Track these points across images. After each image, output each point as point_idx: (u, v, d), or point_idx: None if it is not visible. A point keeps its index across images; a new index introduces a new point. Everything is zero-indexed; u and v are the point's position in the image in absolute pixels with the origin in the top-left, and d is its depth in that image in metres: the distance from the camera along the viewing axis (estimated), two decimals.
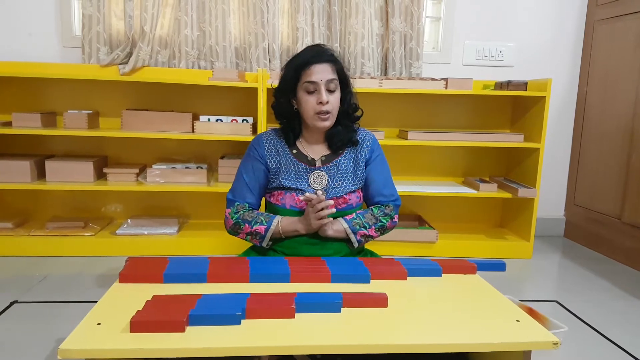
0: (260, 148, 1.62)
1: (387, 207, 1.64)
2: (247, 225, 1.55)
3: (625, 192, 2.60)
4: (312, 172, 1.59)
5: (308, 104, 1.51)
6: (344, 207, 1.59)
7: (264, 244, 1.56)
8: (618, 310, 1.98)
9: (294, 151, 1.61)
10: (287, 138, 1.61)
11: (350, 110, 1.61)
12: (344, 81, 1.57)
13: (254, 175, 1.61)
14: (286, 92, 1.56)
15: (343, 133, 1.59)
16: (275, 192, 1.61)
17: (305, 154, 1.61)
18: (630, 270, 2.50)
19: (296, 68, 1.52)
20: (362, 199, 1.66)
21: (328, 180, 1.59)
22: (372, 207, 1.64)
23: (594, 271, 2.46)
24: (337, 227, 1.55)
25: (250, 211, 1.59)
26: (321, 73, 1.49)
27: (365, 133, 1.67)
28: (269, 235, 1.53)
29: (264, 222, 1.54)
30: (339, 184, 1.59)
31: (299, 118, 1.59)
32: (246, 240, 1.59)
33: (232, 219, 1.58)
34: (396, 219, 1.66)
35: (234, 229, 1.58)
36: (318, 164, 1.60)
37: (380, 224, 1.61)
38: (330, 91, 1.51)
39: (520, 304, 1.61)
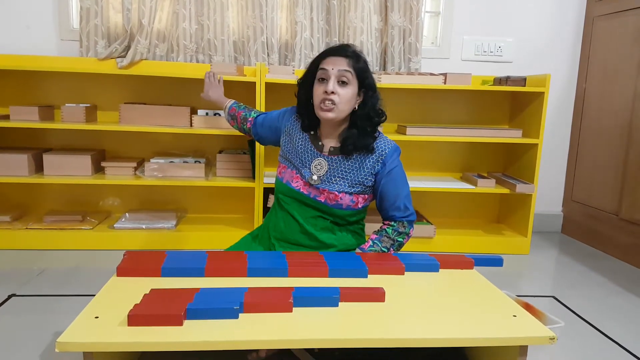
0: (287, 117, 1.72)
1: (400, 225, 1.62)
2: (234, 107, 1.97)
3: (622, 188, 2.60)
4: (317, 157, 1.60)
5: (316, 92, 1.53)
6: (333, 205, 1.58)
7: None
8: (614, 306, 1.99)
9: (312, 132, 1.64)
10: (302, 125, 1.64)
11: (372, 113, 1.56)
12: (364, 82, 1.53)
13: (269, 121, 1.80)
14: (306, 85, 1.59)
15: (358, 137, 1.55)
16: (282, 164, 1.67)
17: (319, 138, 1.62)
18: (627, 266, 2.51)
19: (316, 60, 1.56)
20: (358, 205, 1.60)
21: (327, 170, 1.58)
22: (386, 228, 1.63)
23: (591, 267, 2.47)
24: None
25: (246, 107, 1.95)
26: (335, 63, 1.50)
27: (384, 144, 1.60)
28: (226, 109, 2.01)
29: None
30: (335, 180, 1.58)
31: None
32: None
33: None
34: (412, 232, 1.66)
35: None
36: (325, 151, 1.61)
37: (397, 243, 1.63)
38: (341, 82, 1.50)
39: (517, 299, 1.61)
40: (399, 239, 1.63)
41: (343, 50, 1.52)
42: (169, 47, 2.63)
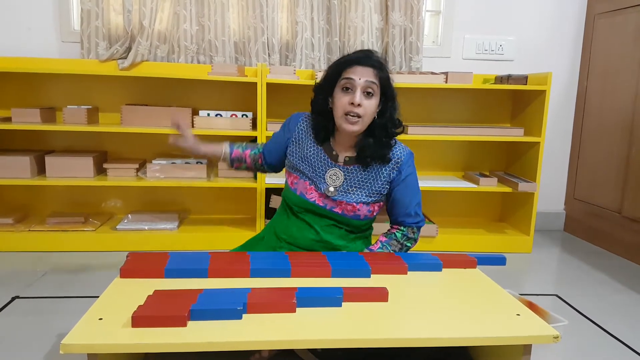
0: (292, 124, 1.64)
1: (410, 231, 1.63)
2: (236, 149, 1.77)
3: (624, 185, 2.60)
4: (331, 167, 1.57)
5: (340, 102, 1.46)
6: (351, 216, 1.57)
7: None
8: (618, 304, 1.99)
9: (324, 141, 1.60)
10: (317, 135, 1.58)
11: (389, 124, 1.53)
12: (386, 92, 1.50)
13: (275, 144, 1.68)
14: (325, 90, 1.53)
15: (375, 147, 1.52)
16: (293, 174, 1.61)
17: (333, 148, 1.58)
18: (630, 264, 2.50)
19: (339, 66, 1.49)
20: (374, 214, 1.60)
21: (343, 182, 1.56)
22: (395, 232, 1.63)
23: (594, 265, 2.46)
24: None
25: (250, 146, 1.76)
26: (362, 73, 1.45)
27: (400, 151, 1.58)
28: (226, 156, 1.78)
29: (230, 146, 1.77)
30: (352, 190, 1.56)
31: (333, 119, 1.53)
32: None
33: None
34: (419, 238, 1.67)
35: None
36: (340, 161, 1.57)
37: (405, 248, 1.64)
38: (367, 94, 1.46)
39: (521, 298, 1.61)
40: (407, 244, 1.64)
41: (369, 60, 1.47)
42: (169, 48, 2.63)
